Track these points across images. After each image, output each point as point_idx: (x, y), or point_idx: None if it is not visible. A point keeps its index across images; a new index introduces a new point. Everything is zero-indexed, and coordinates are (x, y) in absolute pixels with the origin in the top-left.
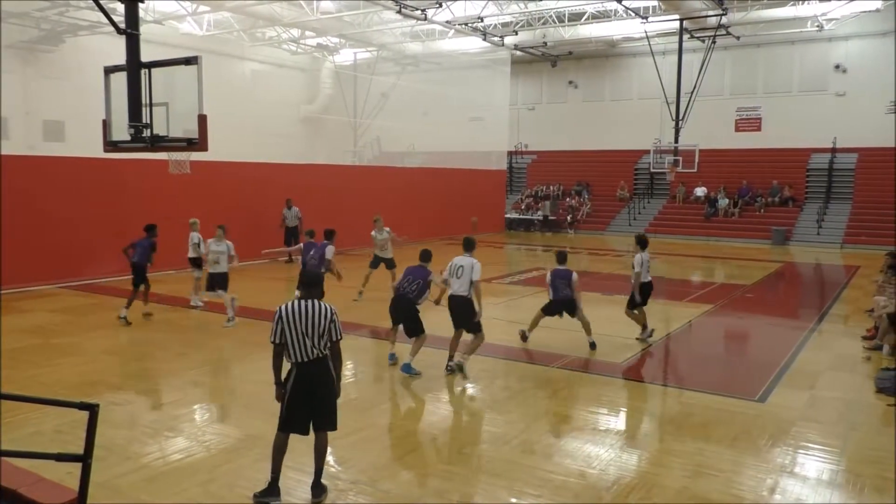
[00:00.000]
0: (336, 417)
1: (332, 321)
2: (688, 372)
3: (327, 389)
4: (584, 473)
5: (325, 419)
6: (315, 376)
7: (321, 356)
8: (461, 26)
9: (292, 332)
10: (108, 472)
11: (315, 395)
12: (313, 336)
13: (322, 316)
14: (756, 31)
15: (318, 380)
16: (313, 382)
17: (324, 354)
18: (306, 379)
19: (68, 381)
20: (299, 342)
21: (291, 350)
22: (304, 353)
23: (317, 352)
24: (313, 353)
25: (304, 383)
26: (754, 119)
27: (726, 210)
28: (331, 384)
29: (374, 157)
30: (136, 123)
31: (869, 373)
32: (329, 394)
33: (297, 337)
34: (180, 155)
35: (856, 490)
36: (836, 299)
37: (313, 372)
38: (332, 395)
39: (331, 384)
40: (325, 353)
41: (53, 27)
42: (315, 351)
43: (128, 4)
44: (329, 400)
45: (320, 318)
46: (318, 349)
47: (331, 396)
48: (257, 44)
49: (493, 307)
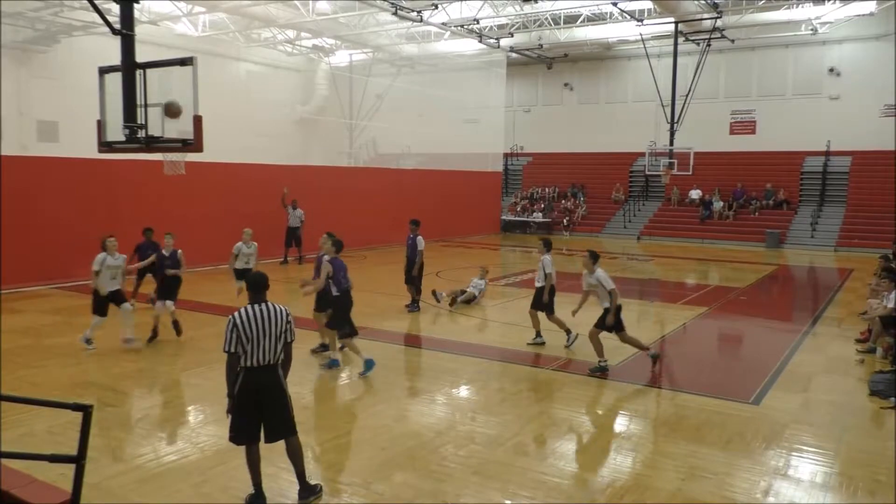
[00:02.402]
0: (292, 422)
1: (288, 321)
2: (682, 374)
3: (276, 397)
4: (577, 475)
5: (281, 426)
6: (263, 385)
7: (272, 363)
8: (457, 28)
9: (249, 337)
10: (101, 474)
11: (263, 405)
12: (271, 339)
13: (279, 317)
14: (751, 35)
15: (266, 388)
16: (260, 391)
17: (275, 362)
18: (253, 387)
19: (60, 381)
20: (254, 347)
21: (246, 356)
22: (258, 359)
23: (270, 357)
24: (266, 359)
25: (252, 391)
26: (749, 122)
27: (721, 213)
28: (279, 392)
29: (370, 158)
30: (131, 124)
31: (862, 375)
32: (279, 402)
33: (253, 342)
34: (175, 156)
35: (849, 492)
36: (829, 302)
37: (263, 380)
38: (282, 403)
39: (279, 392)
40: (278, 362)
41: (48, 27)
42: (269, 356)
43: (123, 5)
44: (280, 408)
45: (278, 320)
46: (272, 354)
47: (281, 404)
48: (253, 45)
49: (490, 309)
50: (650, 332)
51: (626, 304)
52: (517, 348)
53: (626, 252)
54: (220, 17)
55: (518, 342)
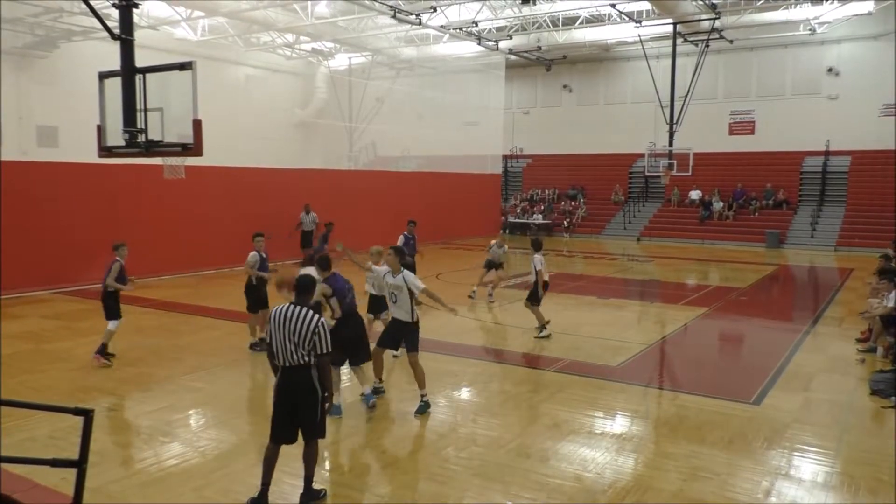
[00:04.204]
0: (320, 427)
1: (315, 332)
2: (683, 375)
3: (308, 399)
4: (579, 477)
5: (307, 428)
6: (295, 384)
7: (303, 364)
8: (456, 31)
9: (278, 335)
10: (103, 478)
11: (296, 404)
12: (291, 343)
13: (304, 325)
14: (749, 35)
15: (298, 388)
16: (293, 390)
17: (305, 363)
18: (287, 385)
19: (60, 386)
20: (283, 346)
21: (277, 352)
22: (286, 358)
23: (297, 358)
24: (294, 360)
25: (286, 390)
26: (748, 122)
27: (721, 213)
28: (311, 394)
29: (370, 161)
30: (131, 129)
31: (863, 375)
32: (309, 404)
33: (281, 340)
34: (175, 160)
35: (850, 492)
36: (830, 302)
37: (294, 379)
38: (313, 406)
39: (311, 394)
40: (308, 362)
41: (48, 33)
42: (296, 357)
43: (122, 10)
44: (310, 410)
45: (303, 327)
46: (298, 356)
47: (312, 407)
48: (252, 49)
49: (489, 311)
50: (651, 332)
51: (627, 305)
52: (518, 350)
53: (626, 253)
54: (219, 21)
55: (519, 343)
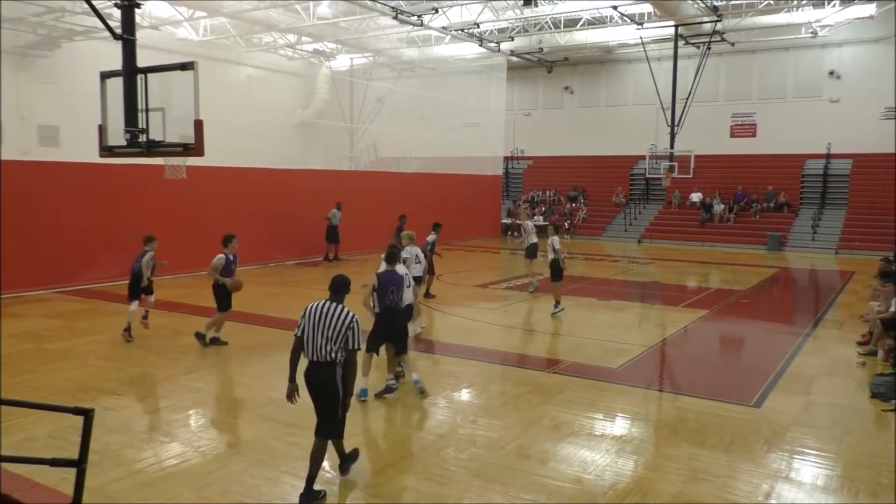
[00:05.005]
0: (335, 426)
1: (349, 328)
2: (683, 377)
3: (327, 395)
4: (579, 478)
5: (322, 424)
6: (319, 378)
7: (330, 360)
8: (457, 32)
9: (311, 329)
10: (102, 478)
11: (319, 399)
12: (324, 338)
13: (339, 320)
14: (751, 38)
15: (321, 383)
16: (316, 384)
17: (333, 360)
18: (310, 380)
19: (61, 386)
20: (314, 340)
21: (307, 346)
22: (316, 352)
23: (326, 353)
24: (323, 355)
25: (310, 384)
26: (749, 125)
27: (722, 215)
28: (334, 394)
29: (371, 162)
30: (132, 129)
31: (863, 378)
32: (328, 400)
33: (312, 335)
34: (176, 160)
35: (851, 495)
36: (830, 305)
37: (320, 373)
38: (332, 402)
39: (334, 394)
40: (336, 360)
41: (49, 32)
42: (325, 352)
43: (124, 10)
44: (328, 406)
45: (337, 322)
46: (327, 351)
47: (330, 403)
48: (253, 49)
49: (489, 312)
50: (652, 334)
51: (628, 307)
52: (518, 351)
53: (627, 255)
54: (221, 21)
55: (519, 345)
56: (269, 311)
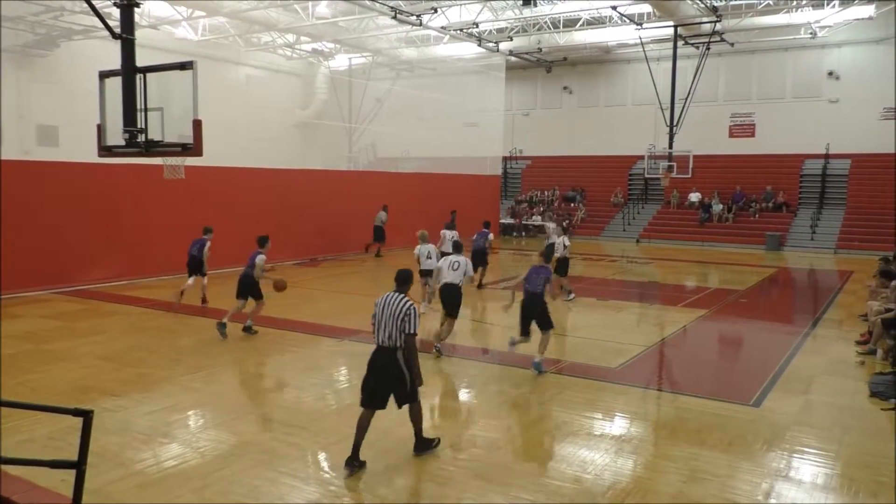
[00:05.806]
0: (412, 394)
1: (406, 314)
2: (682, 377)
3: (393, 375)
4: (579, 478)
5: (399, 398)
6: (381, 362)
7: (392, 347)
8: (456, 32)
9: (382, 315)
10: (102, 479)
11: (379, 378)
12: (389, 324)
13: (400, 307)
14: (750, 38)
15: (382, 366)
16: (377, 367)
17: (393, 346)
18: (375, 361)
19: (59, 387)
20: (384, 325)
21: (377, 332)
22: (383, 336)
23: (386, 338)
24: (386, 339)
25: (373, 365)
26: (748, 125)
27: (720, 215)
28: (396, 371)
29: (370, 162)
30: (131, 128)
31: (863, 377)
32: (397, 379)
33: (382, 320)
34: (175, 160)
35: (850, 494)
36: (829, 304)
37: (382, 358)
38: (401, 380)
39: (396, 371)
40: (396, 346)
41: (48, 31)
42: (386, 335)
43: (123, 9)
44: (400, 383)
45: (398, 309)
46: (390, 336)
47: (400, 381)
48: (252, 49)
49: (489, 312)
50: (651, 334)
51: (627, 307)
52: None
53: (625, 255)
54: (220, 21)
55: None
56: (269, 311)
